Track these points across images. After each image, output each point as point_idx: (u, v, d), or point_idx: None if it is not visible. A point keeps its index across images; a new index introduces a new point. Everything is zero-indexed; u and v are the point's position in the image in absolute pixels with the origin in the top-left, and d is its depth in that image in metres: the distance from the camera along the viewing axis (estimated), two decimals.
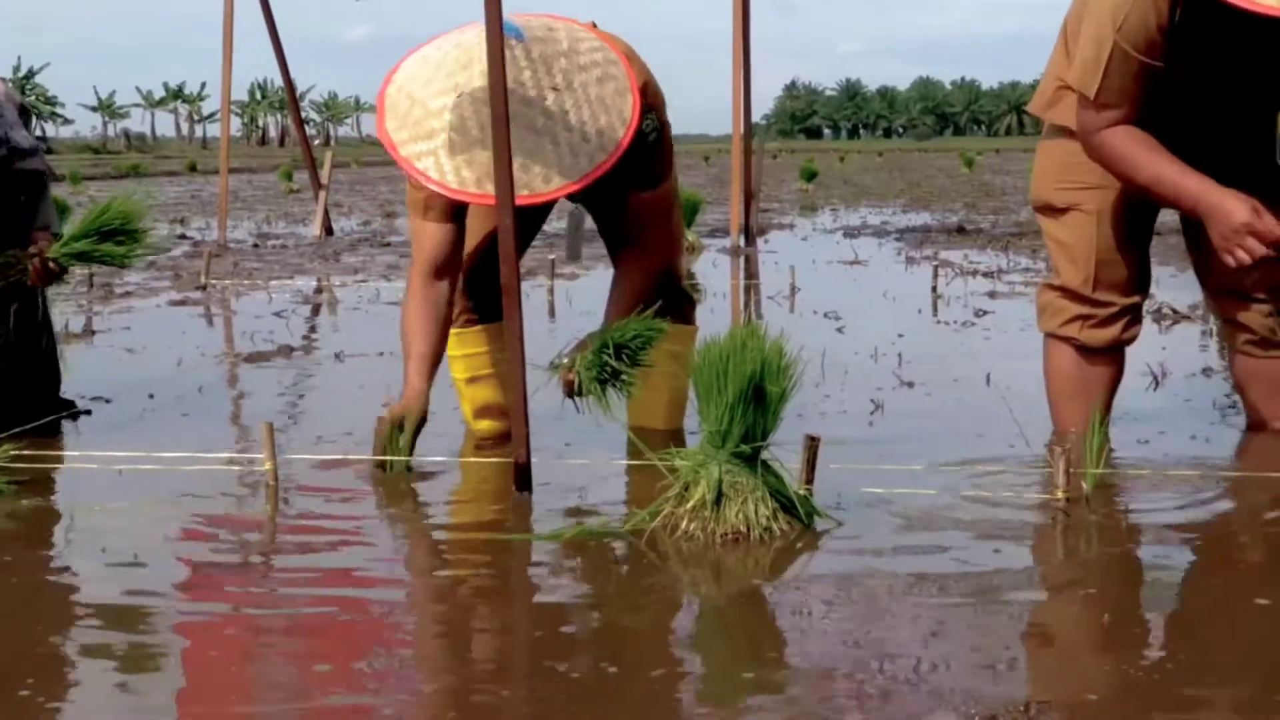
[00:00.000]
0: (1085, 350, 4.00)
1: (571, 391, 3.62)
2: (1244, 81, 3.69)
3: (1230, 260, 3.56)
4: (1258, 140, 3.78)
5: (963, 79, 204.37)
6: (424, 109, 3.55)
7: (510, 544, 3.04)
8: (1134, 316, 4.03)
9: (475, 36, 3.50)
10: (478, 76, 3.45)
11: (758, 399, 3.01)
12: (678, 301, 4.15)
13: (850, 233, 12.83)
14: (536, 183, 3.53)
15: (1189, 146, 3.79)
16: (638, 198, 3.86)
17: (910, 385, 4.86)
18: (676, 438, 4.00)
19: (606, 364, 3.57)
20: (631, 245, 3.93)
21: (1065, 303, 4.01)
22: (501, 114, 3.28)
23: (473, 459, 3.88)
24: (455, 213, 3.80)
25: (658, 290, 3.95)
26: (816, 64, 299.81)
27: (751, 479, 3.02)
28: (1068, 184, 3.98)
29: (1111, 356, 4.03)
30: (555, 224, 8.49)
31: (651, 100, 3.77)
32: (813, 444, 3.23)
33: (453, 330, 4.07)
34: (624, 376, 3.57)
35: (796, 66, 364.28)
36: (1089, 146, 3.77)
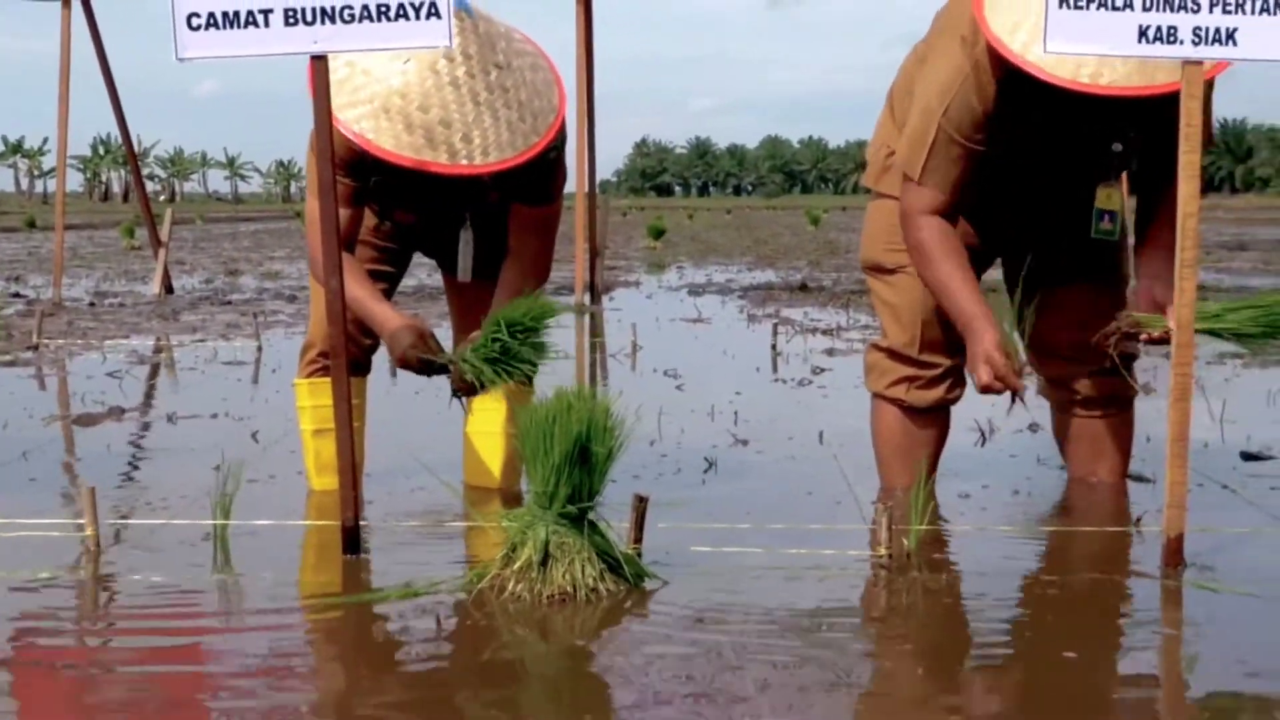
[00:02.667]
0: (911, 410, 4.08)
1: (459, 387, 3.61)
2: (1062, 157, 3.82)
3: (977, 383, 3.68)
4: (1076, 214, 3.92)
5: (810, 137, 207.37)
6: (366, 75, 3.56)
7: (336, 606, 3.02)
8: (958, 377, 4.12)
9: None
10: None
11: (584, 460, 3.03)
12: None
13: (695, 290, 12.94)
14: (475, 155, 3.56)
15: (1009, 215, 3.91)
16: (526, 212, 3.87)
17: (744, 443, 4.91)
18: (514, 498, 4.01)
19: (498, 342, 3.55)
20: (510, 259, 3.91)
21: (891, 363, 4.09)
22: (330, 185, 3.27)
23: (301, 521, 3.84)
24: (355, 199, 3.78)
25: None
26: (668, 120, 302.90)
27: (578, 539, 3.04)
28: (896, 246, 4.06)
29: (937, 416, 4.12)
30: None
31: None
32: (641, 504, 3.26)
33: (304, 380, 4.06)
34: (516, 356, 3.59)
35: (647, 124, 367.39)
36: (904, 226, 3.87)
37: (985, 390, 3.65)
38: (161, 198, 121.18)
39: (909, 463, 4.01)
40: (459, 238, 3.98)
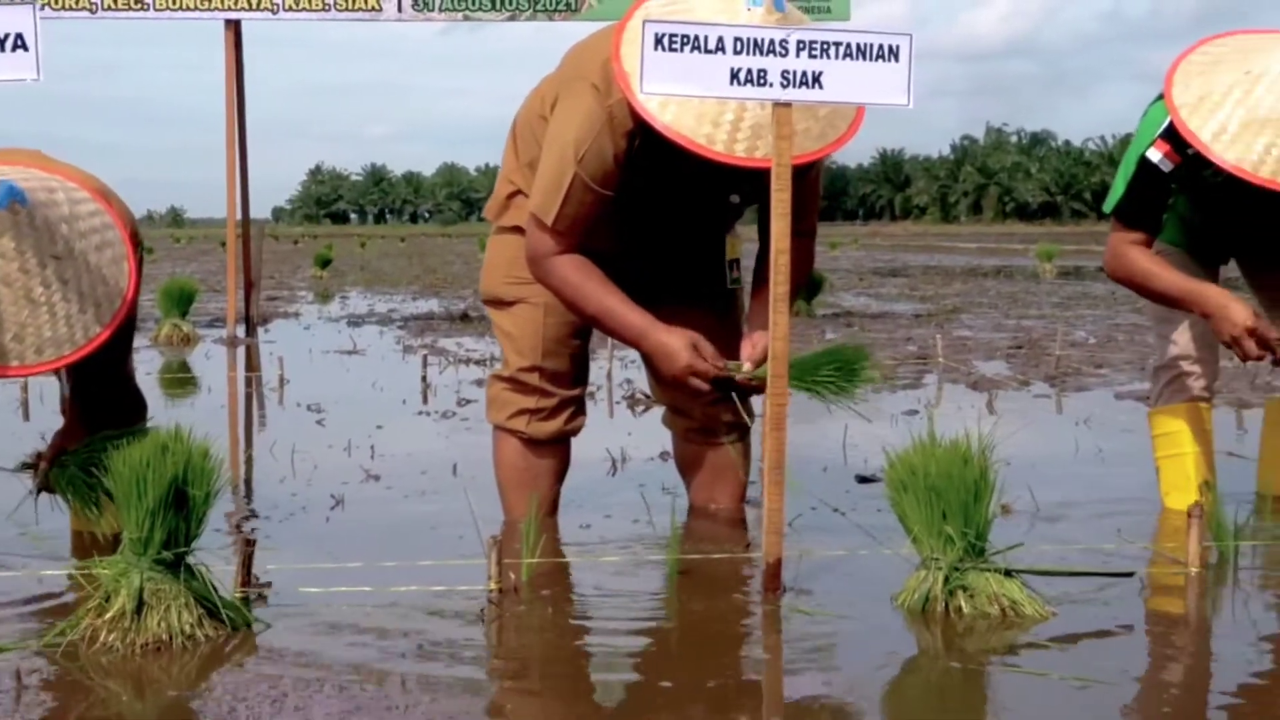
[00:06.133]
0: (531, 442, 4.12)
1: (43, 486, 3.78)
2: (684, 206, 3.92)
3: (689, 390, 3.77)
4: (710, 262, 4.05)
5: (487, 165, 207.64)
6: None
7: None
8: (578, 408, 4.18)
9: None
10: None
11: (181, 503, 2.96)
12: (132, 405, 4.13)
13: (355, 321, 12.81)
14: (29, 354, 3.50)
15: (642, 259, 4.00)
16: None
17: (376, 479, 4.87)
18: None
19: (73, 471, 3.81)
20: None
21: (512, 395, 4.12)
22: None
23: None
24: None
25: (111, 393, 3.99)
26: (344, 147, 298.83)
27: (175, 586, 2.96)
28: (516, 278, 4.09)
29: (557, 447, 4.16)
30: None
31: (139, 237, 3.89)
32: (248, 546, 3.21)
33: None
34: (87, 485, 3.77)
35: (323, 150, 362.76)
36: (537, 270, 3.90)
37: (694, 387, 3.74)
38: None
39: (530, 494, 4.05)
40: None
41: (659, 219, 3.96)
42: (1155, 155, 3.97)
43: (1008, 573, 3.20)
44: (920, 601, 3.17)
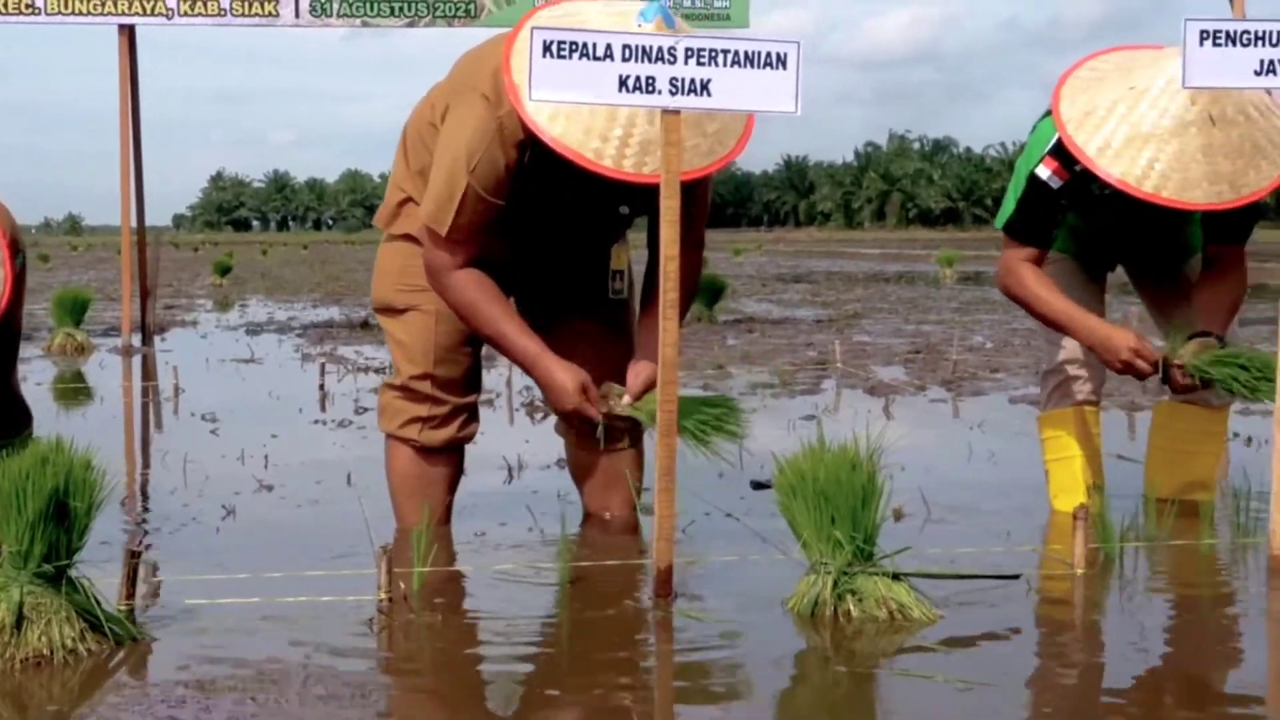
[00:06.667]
0: (424, 450, 4.10)
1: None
2: (574, 215, 3.92)
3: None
4: (595, 270, 4.06)
5: (391, 171, 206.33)
6: None
7: None
8: (471, 415, 4.16)
9: None
10: None
11: (62, 516, 2.92)
12: (15, 416, 4.09)
13: (253, 329, 12.68)
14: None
15: (532, 267, 4.00)
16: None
17: (269, 488, 4.83)
18: None
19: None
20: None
21: (404, 403, 4.10)
22: None
23: None
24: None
25: None
26: (248, 153, 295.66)
27: (56, 599, 2.92)
28: (407, 286, 4.08)
29: (450, 455, 4.15)
30: None
31: (21, 244, 3.89)
32: (133, 558, 3.16)
33: None
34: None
35: (225, 157, 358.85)
36: (435, 283, 3.91)
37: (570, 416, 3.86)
38: None
39: (423, 503, 4.03)
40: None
41: (549, 228, 3.97)
42: (1044, 173, 4.03)
43: (896, 576, 3.23)
44: (809, 606, 3.19)
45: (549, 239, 4.01)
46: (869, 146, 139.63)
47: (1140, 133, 3.86)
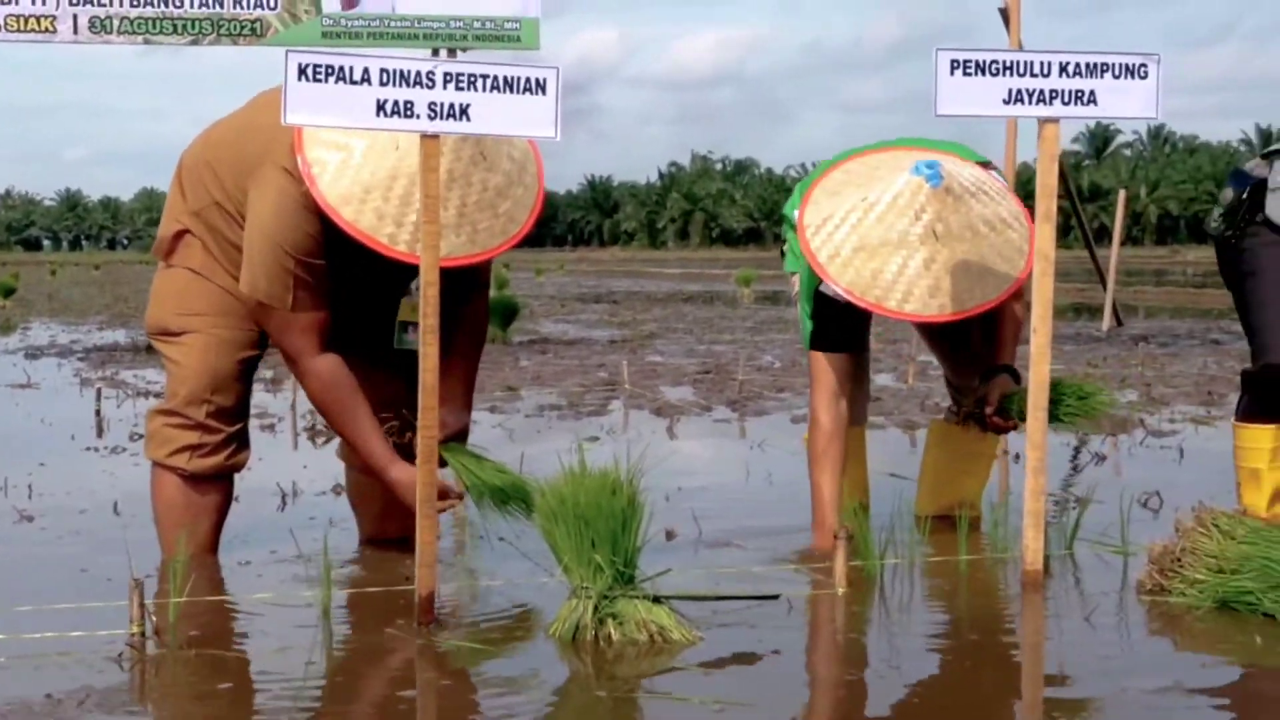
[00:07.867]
0: (192, 478, 4.02)
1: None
2: (373, 275, 3.93)
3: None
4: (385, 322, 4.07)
5: None
6: None
7: None
8: (241, 442, 4.10)
9: None
10: None
11: None
12: None
13: (33, 353, 12.29)
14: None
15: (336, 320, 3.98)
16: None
17: (30, 519, 4.68)
18: None
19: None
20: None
21: (174, 430, 4.01)
22: None
23: None
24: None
25: None
26: (39, 170, 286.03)
27: None
28: (186, 310, 4.04)
29: (219, 483, 4.08)
30: None
31: None
32: None
33: None
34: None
35: (16, 174, 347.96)
36: (294, 370, 3.96)
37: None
38: None
39: (190, 531, 3.95)
40: None
41: (348, 285, 3.95)
42: (827, 289, 4.14)
43: (657, 599, 3.25)
44: (571, 630, 3.20)
45: (348, 294, 3.99)
46: (673, 167, 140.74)
47: (868, 244, 4.03)
